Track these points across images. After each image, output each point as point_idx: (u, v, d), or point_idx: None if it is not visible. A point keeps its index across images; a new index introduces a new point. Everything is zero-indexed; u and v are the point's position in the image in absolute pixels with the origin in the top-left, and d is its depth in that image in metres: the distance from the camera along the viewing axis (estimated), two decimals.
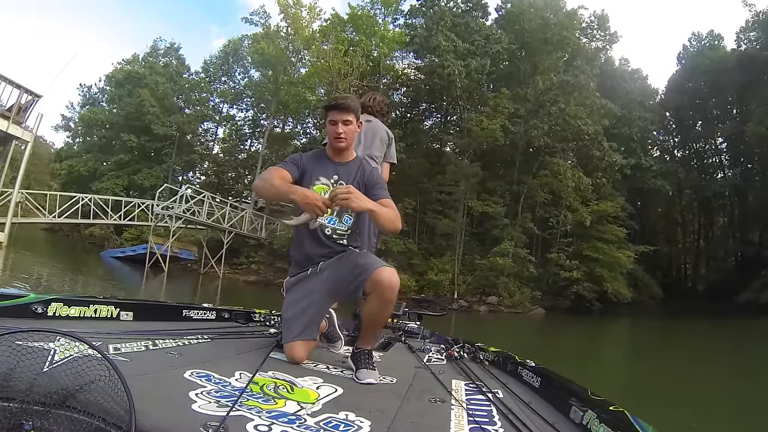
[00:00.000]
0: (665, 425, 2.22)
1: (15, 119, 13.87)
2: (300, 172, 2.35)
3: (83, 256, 24.01)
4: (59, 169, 38.78)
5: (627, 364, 10.82)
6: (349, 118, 2.37)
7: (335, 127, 2.35)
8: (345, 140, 2.38)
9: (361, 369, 2.06)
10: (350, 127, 2.38)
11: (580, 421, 1.53)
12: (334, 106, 2.39)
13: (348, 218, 2.39)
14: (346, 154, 2.46)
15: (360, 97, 3.88)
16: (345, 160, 2.45)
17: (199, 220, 21.27)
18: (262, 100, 33.14)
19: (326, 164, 2.42)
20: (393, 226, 2.27)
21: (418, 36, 25.84)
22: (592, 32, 29.77)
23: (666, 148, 36.75)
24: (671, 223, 38.12)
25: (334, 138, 2.37)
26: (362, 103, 3.65)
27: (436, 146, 29.83)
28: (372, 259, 2.27)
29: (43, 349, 1.23)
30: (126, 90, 35.73)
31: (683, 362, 10.39)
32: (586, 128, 23.38)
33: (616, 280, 24.03)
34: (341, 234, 2.39)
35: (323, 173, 2.38)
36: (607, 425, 1.35)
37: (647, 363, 10.24)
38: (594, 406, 1.53)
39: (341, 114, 2.35)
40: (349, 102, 2.41)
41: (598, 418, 1.43)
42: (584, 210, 23.79)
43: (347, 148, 2.45)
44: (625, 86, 31.57)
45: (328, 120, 2.39)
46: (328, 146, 2.49)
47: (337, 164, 2.43)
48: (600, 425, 1.38)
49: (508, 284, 21.66)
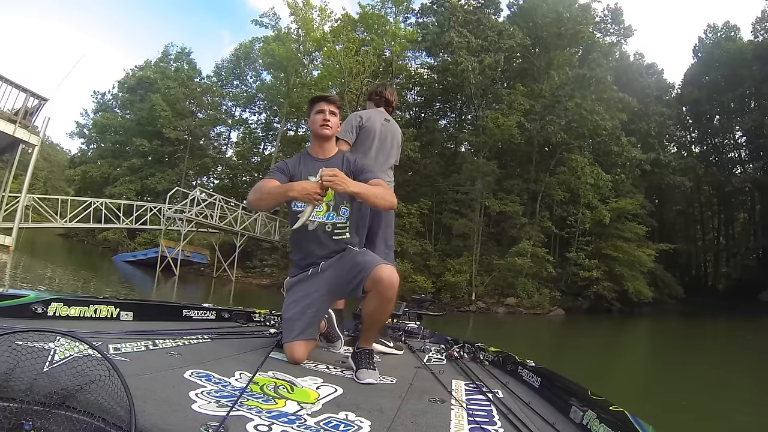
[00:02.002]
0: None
1: (21, 123, 13.54)
2: (288, 178, 2.31)
3: (96, 260, 23.60)
4: (73, 175, 38.58)
5: (651, 372, 9.63)
6: (335, 110, 2.41)
7: (322, 114, 2.38)
8: (330, 128, 2.39)
9: (362, 369, 2.00)
10: (335, 119, 2.41)
11: (580, 421, 1.50)
12: (321, 98, 2.47)
13: (345, 209, 2.34)
14: (328, 147, 2.45)
15: (378, 88, 3.59)
16: (328, 155, 2.44)
17: (211, 223, 20.72)
18: (275, 103, 32.66)
19: (312, 164, 2.38)
20: (386, 203, 2.27)
21: (429, 33, 25.10)
22: (606, 26, 29.05)
23: (683, 143, 35.56)
24: (690, 221, 36.79)
25: (320, 125, 2.38)
26: (378, 92, 3.48)
27: (450, 146, 29.16)
28: (371, 256, 2.21)
29: (43, 349, 1.23)
30: (138, 95, 35.54)
31: (708, 369, 9.32)
32: (603, 123, 22.51)
33: (636, 279, 23.23)
34: (341, 228, 2.33)
35: (310, 173, 2.26)
36: (607, 425, 1.32)
37: (671, 371, 9.17)
38: (594, 406, 1.51)
39: (329, 104, 2.40)
40: (334, 96, 2.50)
41: (598, 418, 1.40)
42: (603, 207, 22.90)
43: (331, 137, 2.45)
44: (642, 81, 30.52)
45: (315, 110, 2.41)
46: (311, 145, 2.51)
47: (322, 161, 2.39)
48: (600, 425, 1.36)
49: (526, 285, 20.98)
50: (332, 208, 2.31)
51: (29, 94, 13.76)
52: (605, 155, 24.93)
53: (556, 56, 25.75)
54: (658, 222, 30.35)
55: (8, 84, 13.21)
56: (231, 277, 21.39)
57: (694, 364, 9.96)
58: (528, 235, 21.66)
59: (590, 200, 23.17)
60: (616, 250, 22.92)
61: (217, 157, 36.35)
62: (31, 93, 13.83)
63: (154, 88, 33.89)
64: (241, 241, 21.63)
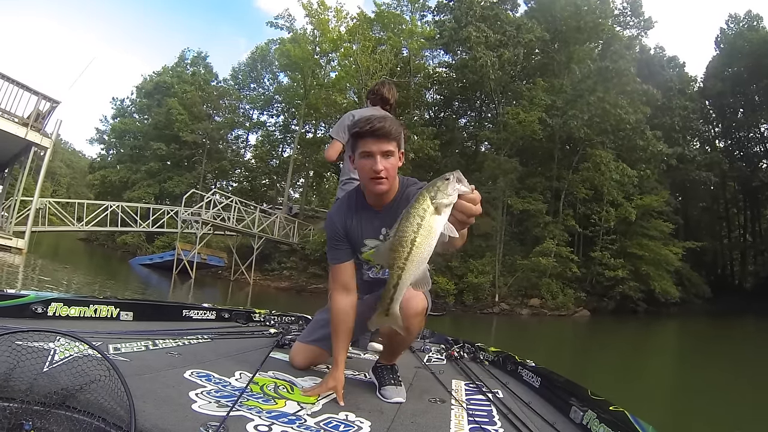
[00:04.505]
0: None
1: (34, 126, 13.16)
2: (346, 244, 1.85)
3: (114, 264, 23.11)
4: (92, 180, 38.45)
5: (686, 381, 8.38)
6: (391, 149, 1.68)
7: (371, 161, 1.67)
8: (386, 180, 1.70)
9: (386, 386, 1.74)
10: (392, 161, 1.70)
11: (580, 421, 1.47)
12: (367, 133, 1.67)
13: None
14: (386, 195, 1.78)
15: (376, 86, 3.45)
16: (387, 201, 1.80)
17: (227, 226, 20.05)
18: (292, 105, 31.99)
19: (368, 218, 1.83)
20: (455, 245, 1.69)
21: (447, 29, 24.14)
22: (626, 19, 27.93)
23: (707, 138, 33.96)
24: (715, 217, 35.04)
25: (372, 179, 1.70)
26: (375, 90, 3.35)
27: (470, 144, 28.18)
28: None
29: (43, 349, 1.21)
30: (155, 100, 35.19)
31: (740, 379, 8.16)
32: (627, 117, 21.37)
33: (663, 279, 22.13)
34: None
35: (368, 233, 1.82)
36: (607, 425, 1.30)
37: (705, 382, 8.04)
38: (594, 406, 1.47)
39: (379, 143, 1.66)
40: (388, 126, 1.66)
41: (598, 418, 1.37)
42: (628, 204, 21.75)
43: (389, 190, 1.76)
44: (664, 74, 29.19)
45: (360, 152, 1.71)
46: (363, 186, 1.83)
47: (379, 214, 1.81)
48: (600, 425, 1.33)
49: (550, 285, 20.00)
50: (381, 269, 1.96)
51: (41, 97, 13.44)
52: (628, 151, 23.72)
53: (576, 51, 24.68)
54: (682, 219, 29.03)
55: (19, 87, 12.92)
56: (249, 279, 20.67)
57: (727, 372, 8.80)
58: (552, 233, 20.61)
59: (615, 197, 22.01)
60: (641, 249, 21.81)
61: (235, 160, 35.81)
62: (43, 96, 13.54)
63: (171, 92, 33.54)
64: (259, 243, 20.92)
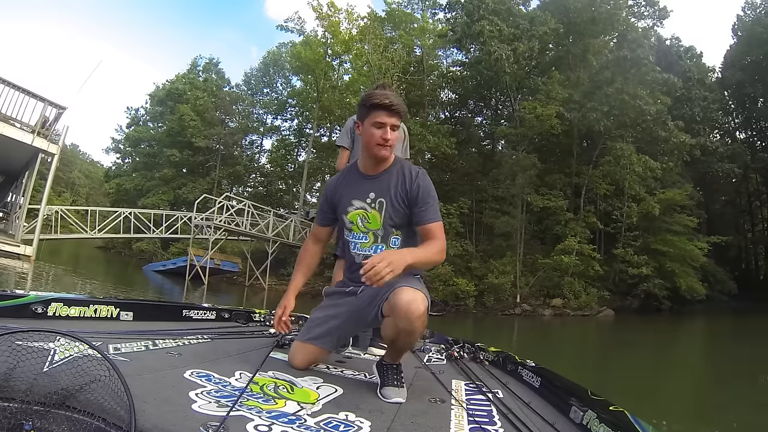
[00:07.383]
0: None
1: (40, 132, 12.66)
2: (332, 206, 1.96)
3: (129, 271, 22.63)
4: (108, 188, 38.25)
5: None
6: (398, 123, 1.82)
7: (382, 130, 1.79)
8: (390, 148, 1.84)
9: (387, 386, 1.67)
10: (396, 134, 1.85)
11: (580, 421, 1.45)
12: (386, 106, 1.78)
13: (396, 239, 1.90)
14: (383, 163, 1.88)
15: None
16: (380, 170, 1.88)
17: (240, 230, 19.35)
18: (306, 108, 31.36)
19: (359, 182, 1.90)
20: (435, 263, 1.85)
21: (458, 24, 23.23)
22: (640, 10, 26.66)
23: (727, 129, 32.49)
24: (738, 211, 33.35)
25: (379, 144, 1.81)
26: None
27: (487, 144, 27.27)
28: (402, 279, 1.65)
29: (43, 349, 1.19)
30: (168, 107, 34.75)
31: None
32: (647, 108, 20.25)
33: (688, 276, 20.88)
34: None
35: (357, 194, 1.88)
36: (607, 425, 1.27)
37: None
38: (594, 406, 1.45)
39: (391, 117, 1.80)
40: (400, 104, 1.81)
41: (598, 418, 1.34)
42: (651, 199, 20.63)
43: (389, 158, 1.89)
44: (682, 64, 27.90)
45: (373, 121, 1.80)
46: (360, 159, 1.94)
47: (371, 179, 1.88)
48: (600, 425, 1.30)
49: (573, 284, 18.97)
50: (380, 239, 1.89)
51: (47, 104, 12.92)
52: (650, 144, 22.58)
53: (591, 43, 23.64)
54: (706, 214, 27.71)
55: (25, 93, 12.42)
56: (264, 285, 19.95)
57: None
58: (573, 231, 19.58)
59: (637, 191, 20.90)
60: (665, 245, 20.60)
61: (249, 165, 35.23)
62: (49, 102, 13.01)
63: (183, 98, 33.07)
64: (274, 247, 20.20)
